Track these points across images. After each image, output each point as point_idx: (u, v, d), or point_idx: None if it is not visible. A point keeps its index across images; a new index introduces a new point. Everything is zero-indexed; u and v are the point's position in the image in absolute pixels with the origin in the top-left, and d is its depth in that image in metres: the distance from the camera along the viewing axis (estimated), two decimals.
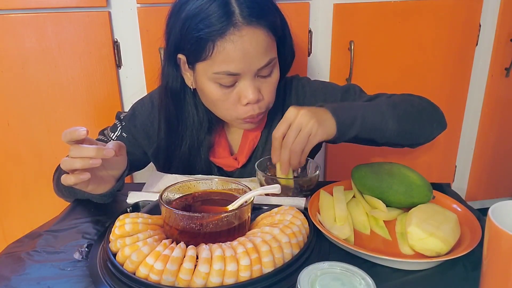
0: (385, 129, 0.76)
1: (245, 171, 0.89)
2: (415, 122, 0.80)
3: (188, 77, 0.81)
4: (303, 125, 0.68)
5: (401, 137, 0.79)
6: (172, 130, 0.86)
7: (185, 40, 0.75)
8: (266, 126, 0.89)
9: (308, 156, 0.78)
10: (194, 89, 0.82)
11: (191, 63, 0.77)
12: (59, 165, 0.82)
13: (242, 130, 0.90)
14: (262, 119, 0.85)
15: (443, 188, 0.76)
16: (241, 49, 0.71)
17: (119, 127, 0.90)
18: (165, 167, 0.90)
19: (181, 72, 0.81)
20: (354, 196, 0.73)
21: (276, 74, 0.80)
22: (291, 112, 0.70)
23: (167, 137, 0.87)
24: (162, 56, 1.19)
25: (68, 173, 0.64)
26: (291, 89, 0.91)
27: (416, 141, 0.83)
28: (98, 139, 0.89)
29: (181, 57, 0.78)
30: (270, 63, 0.76)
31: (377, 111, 0.76)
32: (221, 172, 0.90)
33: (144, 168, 0.98)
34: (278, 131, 0.70)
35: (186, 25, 0.73)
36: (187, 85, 0.83)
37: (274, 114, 0.89)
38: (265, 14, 0.74)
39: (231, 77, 0.74)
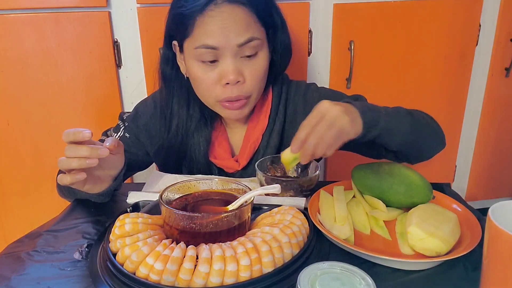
0: (401, 132, 0.73)
1: (245, 173, 0.89)
2: (425, 132, 0.78)
3: (183, 66, 0.82)
4: (337, 119, 0.64)
5: (411, 146, 0.76)
6: (166, 117, 0.87)
7: (173, 21, 0.79)
8: (267, 128, 0.88)
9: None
10: (188, 79, 0.83)
11: (181, 46, 0.80)
12: None
13: (244, 131, 0.90)
14: (246, 107, 0.82)
15: (443, 188, 0.76)
16: (219, 22, 0.73)
17: (122, 128, 0.91)
18: (167, 167, 0.90)
19: (177, 61, 0.84)
20: (354, 196, 0.73)
21: (262, 59, 0.79)
22: (325, 104, 0.65)
23: (161, 125, 0.88)
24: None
25: (65, 172, 0.64)
26: (300, 93, 0.90)
27: (420, 154, 0.81)
28: (101, 140, 0.89)
29: (175, 43, 0.81)
30: (250, 41, 0.75)
31: (397, 115, 0.73)
32: (221, 173, 0.90)
33: (146, 168, 0.99)
34: (309, 121, 0.65)
35: (174, 6, 0.77)
36: (182, 74, 0.84)
37: (277, 116, 0.88)
38: None
39: (211, 52, 0.75)
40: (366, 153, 0.87)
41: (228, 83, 0.77)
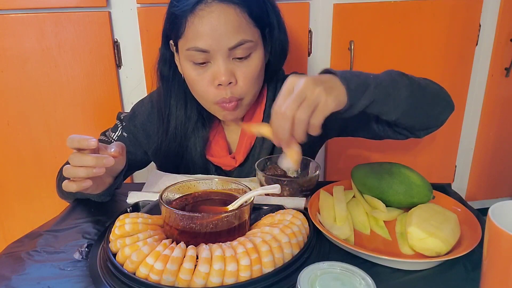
0: (398, 97, 0.66)
1: (243, 170, 0.89)
2: (426, 95, 0.72)
3: (180, 66, 0.82)
4: (307, 93, 0.56)
5: (413, 113, 0.71)
6: (163, 117, 0.87)
7: (167, 21, 0.79)
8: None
9: (308, 156, 0.78)
10: (185, 79, 0.83)
11: (176, 46, 0.80)
12: (61, 167, 0.82)
13: (239, 129, 0.90)
14: (239, 109, 0.81)
15: (443, 188, 0.76)
16: (208, 24, 0.72)
17: (120, 127, 0.92)
18: (165, 167, 0.90)
19: (175, 60, 0.83)
20: (354, 196, 0.73)
21: (256, 61, 0.78)
22: (290, 81, 0.58)
23: (159, 125, 0.88)
24: None
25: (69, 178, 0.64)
26: None
27: (427, 122, 0.77)
28: (99, 140, 0.89)
29: (172, 43, 0.81)
30: (242, 44, 0.75)
31: (390, 78, 0.66)
32: (219, 171, 0.91)
33: (145, 167, 0.99)
34: (276, 104, 0.58)
35: (169, 5, 0.78)
36: (180, 74, 0.84)
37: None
38: None
39: (202, 54, 0.75)
40: (366, 133, 0.86)
41: (220, 84, 0.76)
